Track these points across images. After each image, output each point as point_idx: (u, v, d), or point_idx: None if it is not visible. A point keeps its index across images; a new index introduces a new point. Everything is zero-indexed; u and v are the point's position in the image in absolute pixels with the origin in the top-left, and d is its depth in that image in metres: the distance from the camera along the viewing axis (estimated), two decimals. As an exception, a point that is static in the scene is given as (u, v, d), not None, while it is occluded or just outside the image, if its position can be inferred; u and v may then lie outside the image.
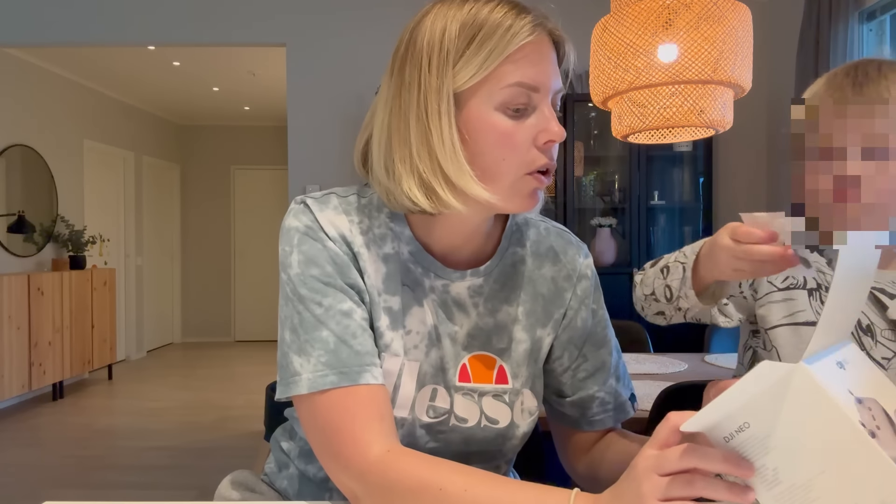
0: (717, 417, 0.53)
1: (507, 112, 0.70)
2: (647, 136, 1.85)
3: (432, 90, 0.70)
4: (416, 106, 0.71)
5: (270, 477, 0.94)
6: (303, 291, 0.74)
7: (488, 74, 0.70)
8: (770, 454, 0.52)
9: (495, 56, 0.69)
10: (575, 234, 0.93)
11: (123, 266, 6.62)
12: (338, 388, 0.70)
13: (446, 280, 0.80)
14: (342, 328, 0.73)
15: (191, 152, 7.83)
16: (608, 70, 1.53)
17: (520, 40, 0.69)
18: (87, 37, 4.01)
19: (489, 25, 0.70)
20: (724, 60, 1.44)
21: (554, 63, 0.74)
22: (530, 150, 0.71)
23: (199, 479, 3.23)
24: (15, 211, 5.02)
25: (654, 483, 0.53)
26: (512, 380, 0.82)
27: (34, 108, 5.26)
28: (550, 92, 0.73)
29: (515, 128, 0.71)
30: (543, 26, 0.72)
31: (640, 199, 3.68)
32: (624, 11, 1.51)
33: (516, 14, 0.70)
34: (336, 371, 0.71)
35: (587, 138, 3.90)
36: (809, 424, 0.50)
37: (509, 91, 0.70)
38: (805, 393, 0.50)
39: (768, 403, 0.52)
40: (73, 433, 4.12)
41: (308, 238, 0.76)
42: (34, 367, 4.64)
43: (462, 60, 0.70)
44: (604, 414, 0.87)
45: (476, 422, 0.80)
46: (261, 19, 3.98)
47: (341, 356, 0.71)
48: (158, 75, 5.85)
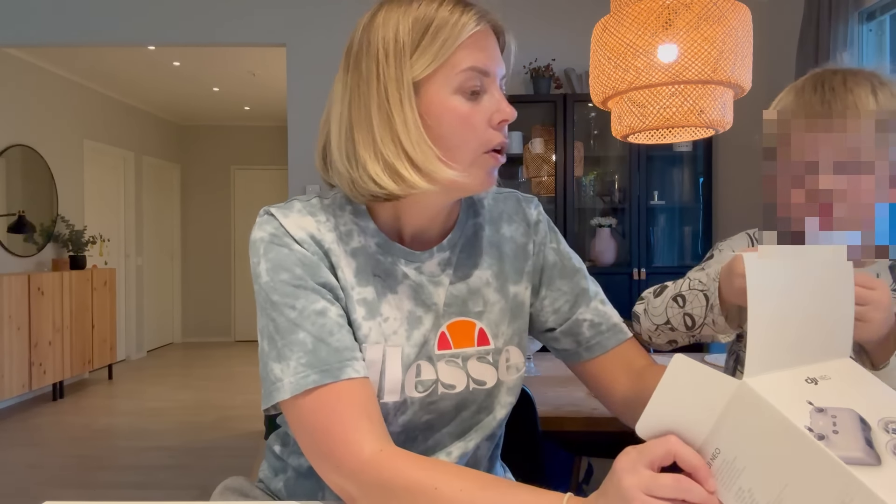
0: (654, 421, 0.55)
1: (464, 95, 0.76)
2: (647, 136, 1.85)
3: (392, 80, 0.75)
4: (376, 96, 0.76)
5: (265, 482, 0.94)
6: (275, 298, 0.75)
7: (444, 62, 0.75)
8: (742, 476, 0.52)
9: (449, 45, 0.75)
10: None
11: (123, 266, 6.62)
12: (321, 386, 0.71)
13: (417, 262, 0.84)
14: (318, 328, 0.74)
15: (191, 152, 7.83)
16: (608, 70, 1.53)
17: (469, 30, 0.76)
18: (88, 37, 4.02)
19: (440, 19, 0.76)
20: (724, 60, 1.44)
21: (498, 50, 0.81)
22: (487, 130, 0.77)
23: (199, 479, 3.23)
24: (15, 211, 5.02)
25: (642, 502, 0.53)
26: (493, 340, 0.86)
27: (34, 108, 5.26)
28: (498, 76, 0.80)
29: (472, 109, 0.76)
30: (487, 18, 0.79)
31: (640, 199, 3.68)
32: (624, 11, 1.50)
33: (462, 9, 0.77)
34: (317, 370, 0.72)
35: (587, 138, 3.90)
36: (763, 439, 0.51)
37: (464, 75, 0.76)
38: (752, 407, 0.51)
39: (729, 425, 0.52)
40: (73, 433, 4.12)
41: (274, 245, 0.78)
42: (34, 366, 4.64)
43: (418, 52, 0.75)
44: (599, 336, 0.89)
45: (464, 386, 0.84)
46: (261, 19, 3.99)
47: (320, 355, 0.73)
48: (158, 75, 5.85)
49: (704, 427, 0.53)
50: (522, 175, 3.86)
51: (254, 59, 5.28)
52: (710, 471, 0.54)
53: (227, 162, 7.82)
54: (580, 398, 1.74)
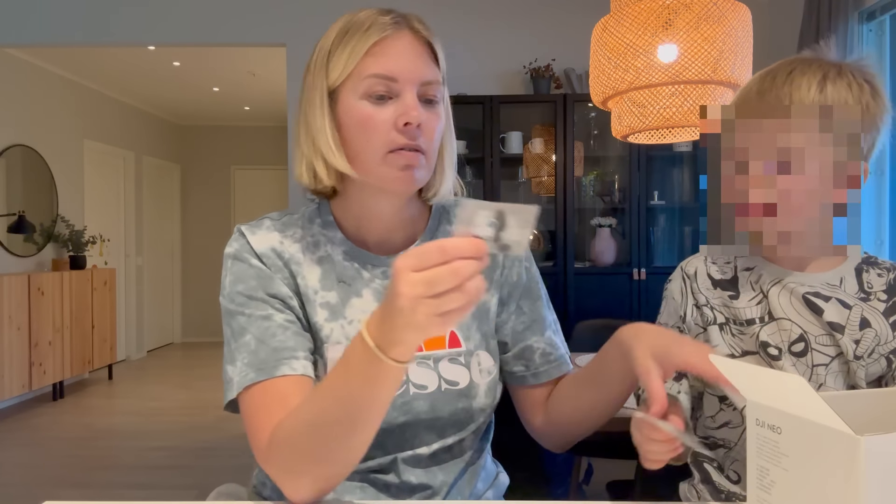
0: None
1: (370, 100, 0.80)
2: (647, 136, 1.85)
3: (312, 88, 0.84)
4: (304, 102, 0.85)
5: (258, 488, 0.95)
6: (231, 307, 0.83)
7: (353, 69, 0.80)
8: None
9: (356, 53, 0.80)
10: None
11: (123, 266, 6.62)
12: (257, 383, 0.78)
13: (384, 267, 0.89)
14: (262, 330, 0.81)
15: (191, 152, 7.83)
16: (608, 70, 1.53)
17: (374, 38, 0.79)
18: (88, 37, 4.01)
19: (353, 27, 0.81)
20: (724, 60, 1.44)
21: (420, 56, 0.82)
22: (390, 132, 0.80)
23: (199, 479, 3.23)
24: (15, 211, 5.02)
25: (409, 279, 0.57)
26: (464, 342, 0.89)
27: (34, 108, 5.26)
28: (414, 82, 0.81)
29: (375, 112, 0.80)
30: (402, 25, 0.82)
31: (640, 199, 3.67)
32: (624, 11, 1.51)
33: (374, 18, 0.81)
34: (255, 368, 0.78)
35: (587, 138, 3.90)
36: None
37: (368, 81, 0.80)
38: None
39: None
40: (73, 433, 4.12)
41: (237, 261, 0.86)
42: (34, 367, 4.64)
43: (333, 60, 0.82)
44: (547, 365, 0.93)
45: (436, 387, 0.86)
46: (261, 19, 3.99)
47: (260, 355, 0.79)
48: (158, 75, 5.85)
49: None
50: (522, 175, 3.86)
51: (254, 59, 5.28)
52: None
53: (227, 162, 7.82)
54: (580, 398, 1.74)
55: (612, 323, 2.80)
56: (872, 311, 0.88)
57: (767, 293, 0.91)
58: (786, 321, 0.90)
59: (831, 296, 0.89)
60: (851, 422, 0.50)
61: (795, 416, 0.54)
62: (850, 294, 0.89)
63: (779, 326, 0.90)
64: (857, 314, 0.88)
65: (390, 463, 0.86)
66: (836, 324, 0.88)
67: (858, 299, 0.89)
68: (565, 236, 3.62)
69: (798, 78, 0.84)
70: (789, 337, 0.90)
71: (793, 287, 0.90)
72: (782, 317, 0.90)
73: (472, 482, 0.92)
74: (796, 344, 0.89)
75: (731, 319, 0.94)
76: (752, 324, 0.91)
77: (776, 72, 0.87)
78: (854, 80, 0.84)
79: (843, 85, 0.83)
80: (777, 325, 0.90)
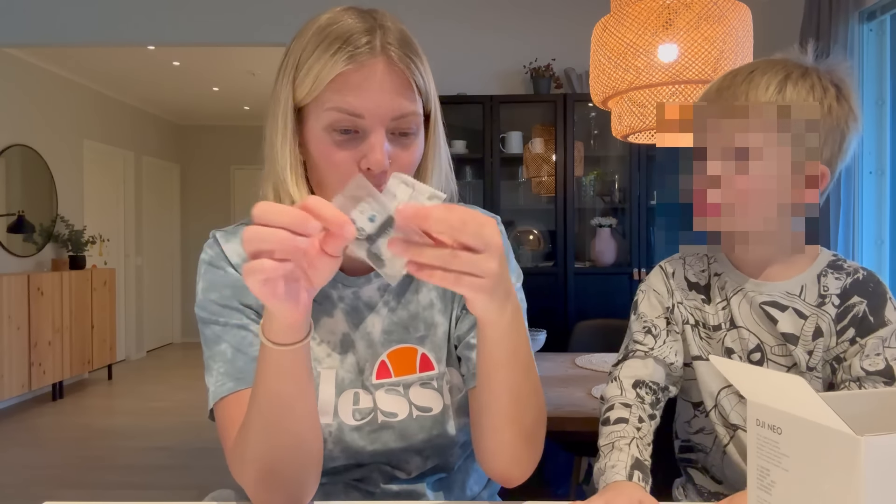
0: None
1: (333, 134, 0.72)
2: (647, 136, 1.85)
3: (277, 100, 0.75)
4: (269, 114, 0.77)
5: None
6: (203, 314, 0.80)
7: (316, 96, 0.72)
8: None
9: (321, 80, 0.71)
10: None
11: (123, 266, 6.62)
12: (234, 392, 0.75)
13: (354, 287, 0.84)
14: (238, 339, 0.78)
15: (191, 152, 7.83)
16: (608, 70, 1.53)
17: (341, 66, 0.70)
18: (87, 37, 4.01)
19: (325, 41, 0.71)
20: (724, 60, 1.44)
21: (392, 90, 0.72)
22: (352, 173, 0.70)
23: (199, 479, 3.23)
24: (15, 211, 5.01)
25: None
26: (437, 364, 0.84)
27: (34, 108, 5.26)
28: (384, 119, 0.72)
29: (336, 150, 0.72)
30: (376, 51, 0.71)
31: (640, 199, 3.67)
32: (624, 11, 1.50)
33: (354, 33, 0.71)
34: (233, 378, 0.76)
35: (587, 138, 3.89)
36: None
37: (330, 115, 0.71)
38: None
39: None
40: (73, 433, 4.12)
41: (212, 268, 0.82)
42: (34, 367, 4.64)
43: (300, 75, 0.73)
44: None
45: (407, 414, 0.82)
46: (261, 19, 3.98)
47: (237, 364, 0.76)
48: (158, 75, 5.85)
49: None
50: (522, 175, 3.86)
51: (254, 59, 5.28)
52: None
53: (227, 162, 7.82)
54: (580, 398, 1.74)
55: (612, 323, 2.80)
56: (823, 315, 0.86)
57: (730, 300, 0.92)
58: (744, 330, 0.90)
59: (788, 305, 0.88)
60: (851, 422, 0.50)
61: (795, 417, 0.54)
62: (807, 303, 0.88)
63: (739, 335, 0.91)
64: (811, 324, 0.87)
65: (372, 477, 0.85)
66: (790, 335, 0.87)
67: (815, 307, 0.87)
68: (565, 236, 3.62)
69: (758, 77, 0.84)
70: (747, 346, 0.90)
71: (752, 296, 0.89)
72: (741, 325, 0.90)
73: (464, 485, 0.91)
74: (753, 353, 0.90)
75: (701, 323, 0.94)
76: (719, 329, 0.92)
77: (739, 71, 0.87)
78: (819, 83, 0.83)
79: (804, 86, 0.83)
80: (738, 333, 0.91)
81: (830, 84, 0.84)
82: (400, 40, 0.74)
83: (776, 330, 0.88)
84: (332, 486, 0.85)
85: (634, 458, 0.79)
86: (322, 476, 0.84)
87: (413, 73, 0.73)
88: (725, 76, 0.88)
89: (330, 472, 0.84)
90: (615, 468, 0.78)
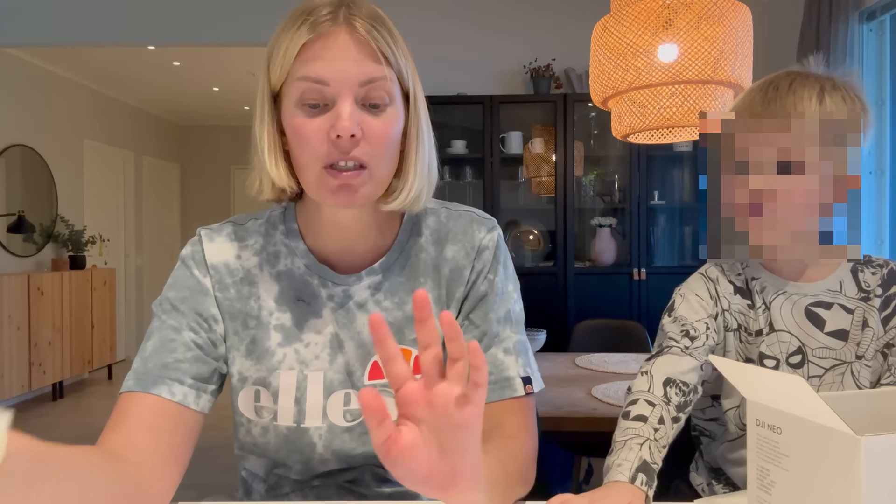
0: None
1: (303, 108, 0.72)
2: (647, 136, 1.85)
3: (259, 89, 0.77)
4: (255, 105, 0.78)
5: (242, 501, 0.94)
6: (156, 309, 0.80)
7: (288, 72, 0.72)
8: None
9: (289, 55, 0.71)
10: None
11: (123, 266, 6.62)
12: (131, 392, 0.74)
13: (345, 286, 0.82)
14: (165, 341, 0.77)
15: (191, 152, 7.83)
16: (608, 70, 1.53)
17: (304, 37, 0.71)
18: (87, 37, 4.01)
19: (289, 22, 0.73)
20: (724, 60, 1.44)
21: (357, 55, 0.71)
22: (323, 145, 0.71)
23: (199, 479, 3.22)
24: (15, 211, 5.01)
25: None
26: None
27: (34, 108, 5.26)
28: (350, 85, 0.71)
29: (306, 123, 0.71)
30: (338, 20, 0.72)
31: (640, 199, 3.67)
32: (624, 11, 1.50)
33: (317, 8, 0.72)
34: (136, 377, 0.75)
35: (587, 138, 3.90)
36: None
37: (298, 86, 0.71)
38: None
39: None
40: (73, 433, 4.12)
41: (182, 266, 0.82)
42: (34, 367, 4.64)
43: (272, 59, 0.74)
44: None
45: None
46: (261, 19, 3.98)
47: (148, 365, 0.75)
48: (158, 75, 5.85)
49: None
50: (522, 175, 3.86)
51: (254, 59, 5.28)
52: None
53: (227, 162, 7.82)
54: (580, 398, 1.74)
55: (612, 323, 2.80)
56: (871, 310, 0.92)
57: (770, 304, 0.95)
58: (784, 333, 0.94)
59: (833, 302, 0.92)
60: (851, 422, 0.50)
61: (796, 417, 0.54)
62: (850, 297, 0.93)
63: (778, 338, 0.94)
64: (859, 317, 0.92)
65: (364, 479, 0.85)
66: (839, 331, 0.92)
67: (859, 300, 0.93)
68: (565, 236, 3.62)
69: (800, 89, 0.88)
70: (787, 349, 0.94)
71: (796, 299, 0.93)
72: (782, 329, 0.94)
73: None
74: (793, 356, 0.94)
75: (744, 328, 0.97)
76: (760, 335, 0.95)
77: (777, 82, 0.91)
78: (847, 95, 0.89)
79: (838, 98, 0.88)
80: (776, 337, 0.94)
81: (855, 96, 0.89)
82: (368, 14, 0.73)
83: (822, 332, 0.92)
84: (325, 488, 0.85)
85: (642, 461, 0.78)
86: (315, 479, 0.84)
87: (379, 42, 0.72)
88: (766, 87, 0.91)
89: (323, 475, 0.84)
90: (620, 467, 0.78)
